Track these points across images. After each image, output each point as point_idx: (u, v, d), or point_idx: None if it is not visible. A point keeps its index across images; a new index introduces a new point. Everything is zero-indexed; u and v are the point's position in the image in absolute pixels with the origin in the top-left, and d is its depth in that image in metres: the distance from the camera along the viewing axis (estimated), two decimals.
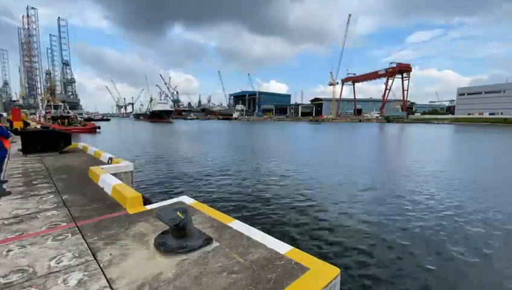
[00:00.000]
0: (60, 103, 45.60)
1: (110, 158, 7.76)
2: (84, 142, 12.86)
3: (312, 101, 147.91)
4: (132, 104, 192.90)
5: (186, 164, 14.65)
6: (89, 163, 7.71)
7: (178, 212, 2.81)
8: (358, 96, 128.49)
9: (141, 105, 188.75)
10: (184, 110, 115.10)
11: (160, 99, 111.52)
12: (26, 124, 18.97)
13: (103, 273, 2.39)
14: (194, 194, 8.85)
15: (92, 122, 55.22)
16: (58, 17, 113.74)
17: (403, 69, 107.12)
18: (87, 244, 2.93)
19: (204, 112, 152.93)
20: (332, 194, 9.09)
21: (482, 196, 8.91)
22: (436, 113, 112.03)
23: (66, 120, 40.59)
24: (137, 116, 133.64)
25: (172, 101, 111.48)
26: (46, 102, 45.42)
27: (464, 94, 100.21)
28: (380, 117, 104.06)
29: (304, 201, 8.37)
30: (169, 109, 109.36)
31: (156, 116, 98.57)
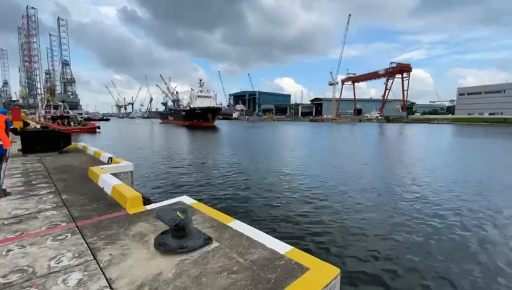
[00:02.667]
0: (60, 103, 45.61)
1: (110, 158, 7.75)
2: (84, 142, 12.86)
3: (312, 101, 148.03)
4: (132, 104, 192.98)
5: (186, 164, 14.64)
6: (89, 163, 7.70)
7: (178, 213, 2.81)
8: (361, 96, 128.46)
9: (141, 105, 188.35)
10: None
11: (201, 91, 75.29)
12: (25, 124, 18.96)
13: (103, 273, 2.38)
14: (194, 194, 8.85)
15: (92, 122, 55.22)
16: (58, 17, 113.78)
17: (403, 69, 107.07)
18: (87, 244, 2.92)
19: None
20: (332, 194, 9.09)
21: (484, 198, 8.92)
22: (436, 113, 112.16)
23: (66, 120, 40.57)
24: (165, 117, 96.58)
25: (172, 101, 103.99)
26: (45, 102, 45.42)
27: (464, 94, 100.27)
28: (380, 117, 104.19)
29: (304, 201, 8.37)
30: (217, 105, 75.08)
31: (196, 117, 66.68)
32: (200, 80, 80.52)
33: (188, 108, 73.15)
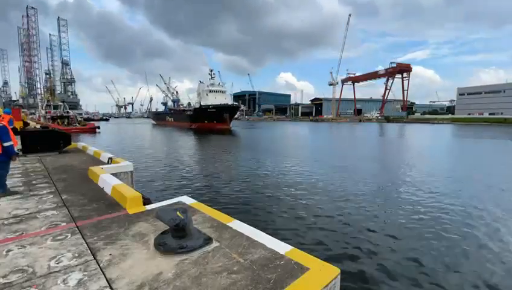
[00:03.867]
0: (60, 103, 45.64)
1: (110, 158, 7.75)
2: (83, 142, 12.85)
3: (312, 101, 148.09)
4: (132, 103, 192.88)
5: (186, 164, 14.64)
6: (89, 163, 7.70)
7: (178, 213, 2.81)
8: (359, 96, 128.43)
9: (141, 105, 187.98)
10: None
11: (212, 84, 61.83)
12: (25, 124, 18.98)
13: (103, 273, 2.38)
14: (194, 194, 8.85)
15: (92, 122, 55.17)
16: (58, 17, 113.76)
17: (403, 69, 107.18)
18: (87, 244, 2.92)
19: None
20: (333, 194, 9.09)
21: (484, 196, 8.92)
22: (436, 113, 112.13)
23: (66, 120, 40.57)
24: (161, 117, 77.27)
25: (172, 101, 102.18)
26: (45, 102, 45.46)
27: (463, 94, 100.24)
28: (380, 117, 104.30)
29: (305, 201, 8.37)
30: (234, 103, 58.91)
31: (208, 118, 52.33)
32: (211, 71, 62.62)
33: (198, 105, 56.22)
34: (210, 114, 52.36)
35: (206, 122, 53.04)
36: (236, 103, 58.24)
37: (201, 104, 56.30)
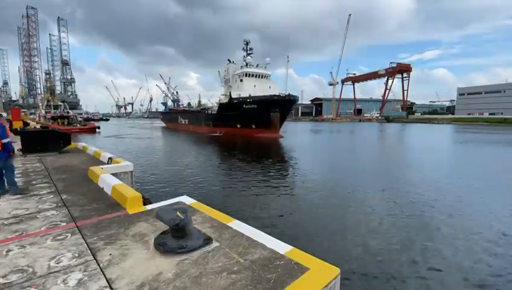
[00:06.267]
0: (60, 103, 45.64)
1: (110, 158, 7.75)
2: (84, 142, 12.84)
3: (312, 101, 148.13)
4: (132, 103, 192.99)
5: (186, 164, 14.64)
6: (89, 163, 7.70)
7: (178, 213, 2.81)
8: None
9: (141, 105, 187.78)
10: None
11: (247, 64, 39.89)
12: (25, 124, 18.99)
13: (103, 273, 2.38)
14: (194, 194, 8.84)
15: (92, 122, 55.05)
16: (58, 17, 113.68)
17: (402, 69, 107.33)
18: (87, 244, 2.92)
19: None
20: (332, 193, 9.09)
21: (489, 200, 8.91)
22: (436, 113, 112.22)
23: (66, 120, 40.55)
24: (171, 118, 58.83)
25: (172, 101, 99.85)
26: (45, 102, 45.44)
27: (464, 94, 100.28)
28: (380, 117, 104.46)
29: (304, 200, 8.37)
30: (287, 94, 31.78)
31: (243, 119, 33.23)
32: (247, 44, 42.12)
33: (227, 100, 36.08)
34: (246, 113, 32.27)
35: (239, 126, 34.28)
36: (292, 94, 32.77)
37: (232, 96, 35.39)
